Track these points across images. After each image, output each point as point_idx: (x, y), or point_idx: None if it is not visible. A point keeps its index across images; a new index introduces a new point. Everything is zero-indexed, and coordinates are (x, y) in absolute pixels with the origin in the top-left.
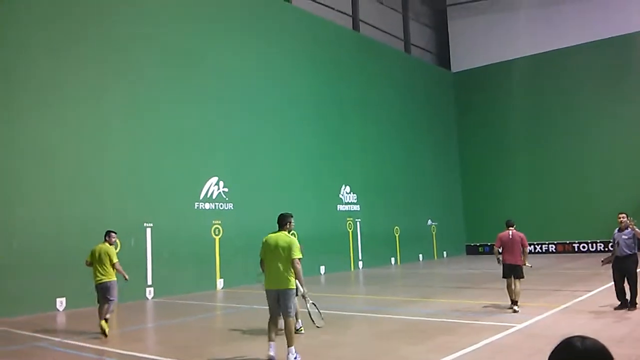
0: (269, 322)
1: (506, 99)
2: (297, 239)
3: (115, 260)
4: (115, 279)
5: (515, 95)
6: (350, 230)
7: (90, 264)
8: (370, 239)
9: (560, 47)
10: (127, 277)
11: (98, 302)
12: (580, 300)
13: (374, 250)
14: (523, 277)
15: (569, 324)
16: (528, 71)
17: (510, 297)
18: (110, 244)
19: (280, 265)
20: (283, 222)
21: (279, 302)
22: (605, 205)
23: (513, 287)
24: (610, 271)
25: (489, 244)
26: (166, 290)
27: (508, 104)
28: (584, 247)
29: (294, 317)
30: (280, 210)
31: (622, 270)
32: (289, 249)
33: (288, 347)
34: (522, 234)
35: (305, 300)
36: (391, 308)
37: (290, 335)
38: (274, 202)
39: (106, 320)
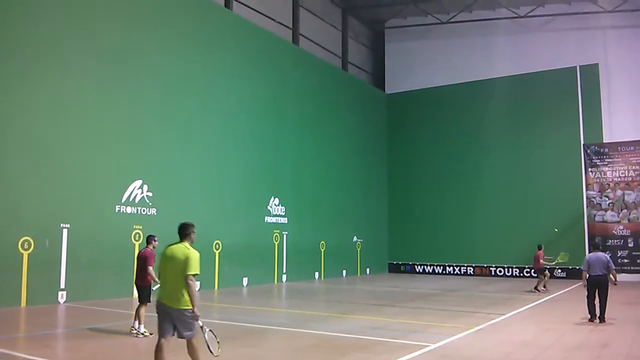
0: (156, 348)
1: (436, 124)
2: (222, 248)
3: None
4: None
5: (445, 121)
6: (276, 243)
7: None
8: (296, 252)
9: (491, 77)
10: None
11: None
12: (493, 323)
13: (298, 264)
14: None
15: (480, 346)
16: (459, 98)
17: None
18: None
19: (174, 281)
20: (185, 232)
21: (172, 322)
22: (524, 232)
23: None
24: (524, 296)
25: (410, 263)
26: (80, 295)
27: (438, 129)
28: (500, 271)
29: (196, 337)
30: (206, 218)
31: None
32: (184, 263)
33: None
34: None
35: (202, 330)
36: (310, 323)
37: (196, 357)
38: (199, 210)
39: None
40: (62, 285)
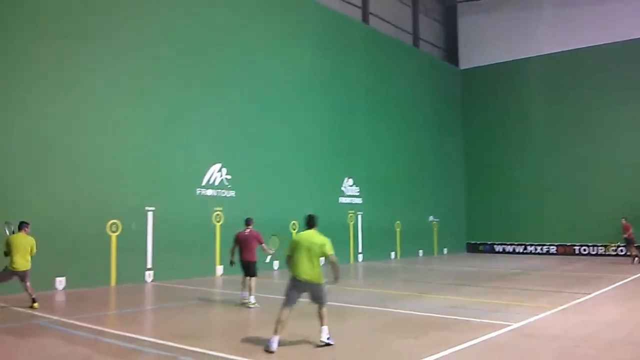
0: (280, 312)
1: (512, 99)
2: (298, 228)
3: (35, 251)
4: (30, 267)
5: (523, 95)
6: (351, 223)
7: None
8: (371, 232)
9: (570, 48)
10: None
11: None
12: (578, 303)
13: (374, 243)
14: None
15: (565, 325)
16: (535, 71)
17: None
18: (27, 234)
19: (313, 261)
20: (313, 222)
21: (300, 293)
22: (607, 209)
23: None
24: (610, 275)
25: (489, 242)
26: (166, 275)
27: (515, 103)
28: (584, 249)
29: (326, 305)
30: (282, 199)
31: None
32: (322, 246)
33: (323, 326)
34: None
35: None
36: (388, 302)
37: (324, 318)
38: (275, 191)
39: (34, 300)
40: (149, 265)
